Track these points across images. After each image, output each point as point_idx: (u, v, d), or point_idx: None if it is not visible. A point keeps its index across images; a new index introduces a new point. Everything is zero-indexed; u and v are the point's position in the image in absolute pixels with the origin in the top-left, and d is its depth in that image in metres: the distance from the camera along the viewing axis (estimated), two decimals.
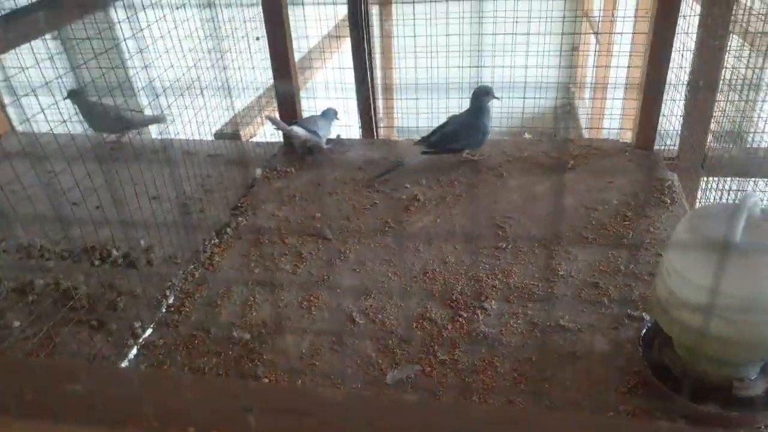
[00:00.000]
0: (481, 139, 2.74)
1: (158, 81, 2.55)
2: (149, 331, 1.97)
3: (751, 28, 2.29)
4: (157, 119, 2.97)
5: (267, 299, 2.07)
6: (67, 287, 2.11)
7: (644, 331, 1.70)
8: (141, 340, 1.93)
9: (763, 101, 2.39)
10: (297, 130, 2.82)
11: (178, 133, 3.02)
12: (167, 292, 2.11)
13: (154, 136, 3.28)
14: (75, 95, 2.79)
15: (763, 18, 2.16)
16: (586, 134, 5.06)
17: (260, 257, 2.29)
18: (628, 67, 3.57)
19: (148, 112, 2.97)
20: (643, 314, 1.85)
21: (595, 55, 6.32)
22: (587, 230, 2.27)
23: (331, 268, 2.20)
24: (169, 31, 2.62)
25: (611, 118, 3.71)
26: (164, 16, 2.61)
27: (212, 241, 2.38)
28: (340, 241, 2.35)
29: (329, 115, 2.97)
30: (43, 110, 2.11)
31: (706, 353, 1.38)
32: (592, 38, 6.57)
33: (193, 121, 2.86)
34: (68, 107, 2.75)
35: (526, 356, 1.75)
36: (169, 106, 2.61)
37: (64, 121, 2.24)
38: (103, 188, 2.34)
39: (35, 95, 2.01)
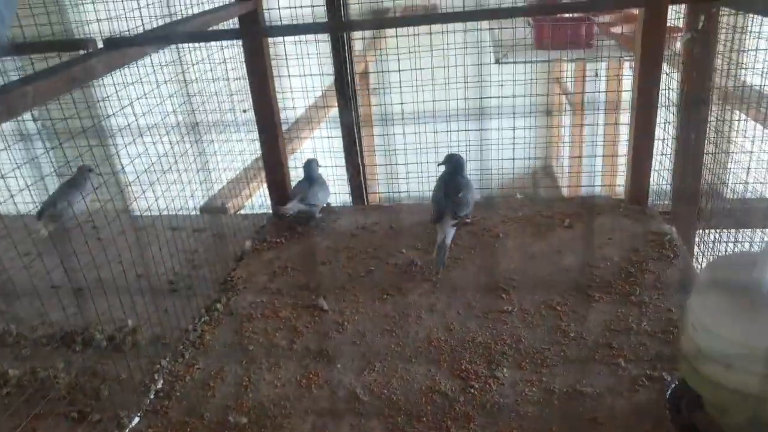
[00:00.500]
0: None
1: (140, 157, 2.48)
2: (136, 420, 1.83)
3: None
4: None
5: (263, 378, 1.95)
6: (46, 376, 1.97)
7: (669, 391, 1.61)
8: (128, 430, 1.79)
9: (744, 153, 2.39)
10: (292, 207, 2.77)
11: (163, 209, 2.94)
12: (155, 376, 1.98)
13: (136, 213, 3.19)
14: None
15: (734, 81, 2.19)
16: (564, 192, 5.07)
17: (254, 333, 2.18)
18: (604, 124, 3.61)
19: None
20: (663, 374, 1.76)
21: (570, 115, 6.46)
22: (592, 289, 2.21)
23: (329, 341, 2.10)
24: (151, 109, 2.58)
25: (590, 175, 3.72)
26: (145, 94, 2.58)
27: (202, 319, 2.27)
28: (337, 312, 2.25)
29: (314, 172, 2.91)
30: (21, 190, 2.03)
31: (743, 413, 1.29)
32: (564, 99, 6.73)
33: (179, 197, 2.80)
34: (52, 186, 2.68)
35: (546, 427, 1.64)
36: (151, 184, 2.56)
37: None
38: (86, 268, 2.24)
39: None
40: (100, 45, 1.74)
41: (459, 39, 3.13)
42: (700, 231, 2.65)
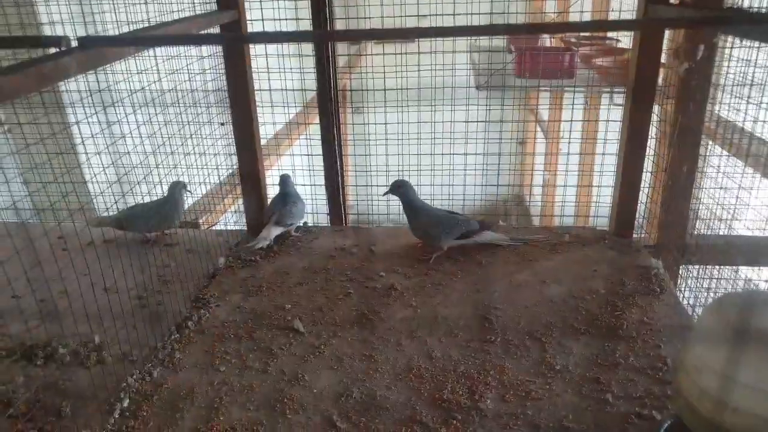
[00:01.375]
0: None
1: (113, 167, 2.37)
2: None
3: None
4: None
5: (236, 401, 1.84)
6: (4, 391, 1.84)
7: (662, 431, 1.55)
8: None
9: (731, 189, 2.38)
10: (266, 236, 2.72)
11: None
12: (121, 395, 1.86)
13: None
14: None
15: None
16: (536, 222, 5.05)
17: (226, 354, 2.07)
18: (580, 154, 3.60)
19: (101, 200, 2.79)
20: (654, 412, 1.70)
21: (544, 143, 6.50)
22: (578, 321, 2.15)
23: (305, 365, 2.00)
24: (126, 116, 2.47)
25: (565, 205, 3.71)
26: (122, 99, 2.47)
27: (172, 337, 2.16)
28: (314, 335, 2.15)
29: (290, 187, 2.86)
30: None
31: None
32: (538, 128, 6.77)
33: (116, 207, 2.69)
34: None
35: None
36: (123, 194, 2.45)
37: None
38: (53, 280, 2.11)
39: None
40: (74, 44, 1.64)
41: (447, 60, 3.10)
42: (686, 266, 2.63)
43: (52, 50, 1.59)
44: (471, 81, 3.99)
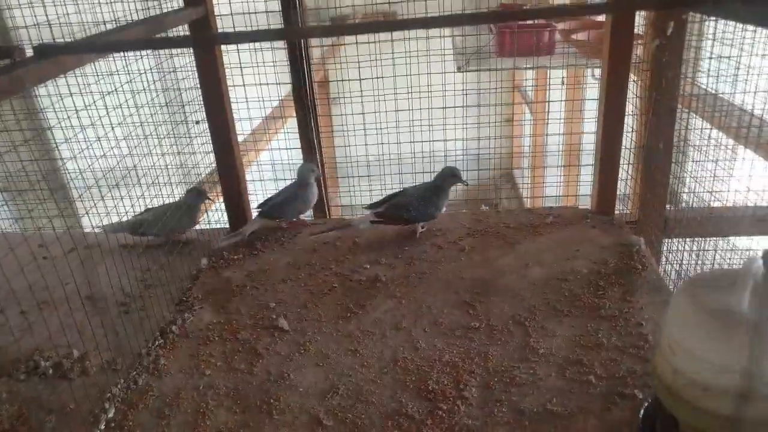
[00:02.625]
0: (431, 214, 2.67)
1: (90, 171, 2.35)
2: None
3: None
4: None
5: (222, 404, 1.84)
6: None
7: (642, 411, 1.56)
8: None
9: (710, 161, 2.37)
10: (250, 226, 2.73)
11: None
12: (106, 405, 1.86)
13: (86, 229, 3.03)
14: None
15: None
16: (527, 203, 5.06)
17: (211, 357, 2.06)
18: (563, 134, 3.60)
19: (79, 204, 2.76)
20: (636, 391, 1.71)
21: (530, 125, 6.48)
22: (561, 303, 2.15)
23: (291, 363, 2.00)
24: (100, 118, 2.44)
25: (551, 186, 3.71)
26: (94, 102, 2.44)
27: (156, 342, 2.15)
28: (299, 333, 2.15)
29: (300, 180, 2.85)
30: None
31: None
32: (525, 108, 6.75)
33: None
34: None
35: None
36: (102, 197, 2.42)
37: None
38: (28, 291, 2.09)
39: None
40: (30, 53, 1.60)
41: (421, 46, 3.07)
42: (667, 240, 2.63)
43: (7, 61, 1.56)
44: (450, 65, 3.96)
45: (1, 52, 1.40)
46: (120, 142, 2.49)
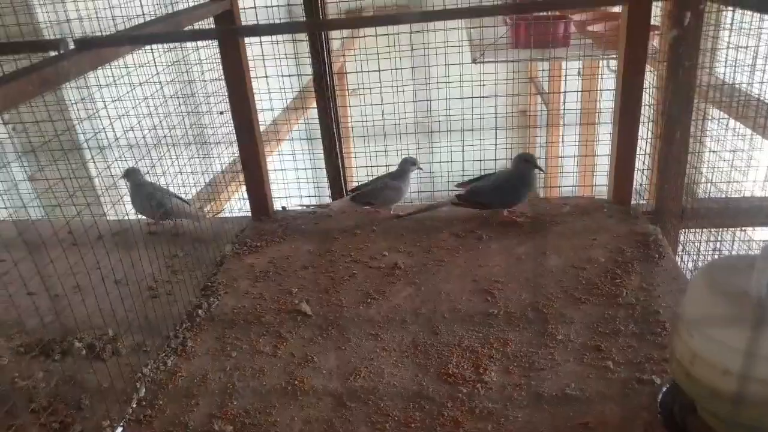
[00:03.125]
0: (509, 201, 2.72)
1: (116, 163, 2.41)
2: (120, 430, 1.78)
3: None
4: (196, 216, 2.86)
5: (248, 385, 1.91)
6: (25, 387, 1.91)
7: (660, 395, 1.60)
8: None
9: (727, 151, 2.40)
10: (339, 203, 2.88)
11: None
12: (138, 385, 1.93)
13: (109, 216, 3.11)
14: (127, 175, 2.78)
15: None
16: (541, 193, 5.09)
17: (236, 339, 2.13)
18: (580, 124, 3.61)
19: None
20: (653, 377, 1.75)
21: (546, 115, 6.48)
22: (579, 291, 2.20)
23: (314, 346, 2.06)
24: (126, 112, 2.50)
25: (566, 175, 3.73)
26: (120, 96, 2.50)
27: (184, 326, 2.22)
28: (321, 317, 2.21)
29: (400, 170, 2.95)
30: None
31: (741, 420, 1.28)
32: (539, 99, 6.75)
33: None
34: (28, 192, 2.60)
35: None
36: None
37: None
38: (64, 275, 2.17)
39: None
40: (72, 46, 1.67)
41: (439, 38, 3.11)
42: (684, 230, 2.66)
43: (52, 53, 1.63)
44: (467, 56, 3.99)
45: (49, 45, 1.46)
46: (147, 133, 2.55)
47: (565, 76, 5.12)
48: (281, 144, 3.64)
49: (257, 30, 2.39)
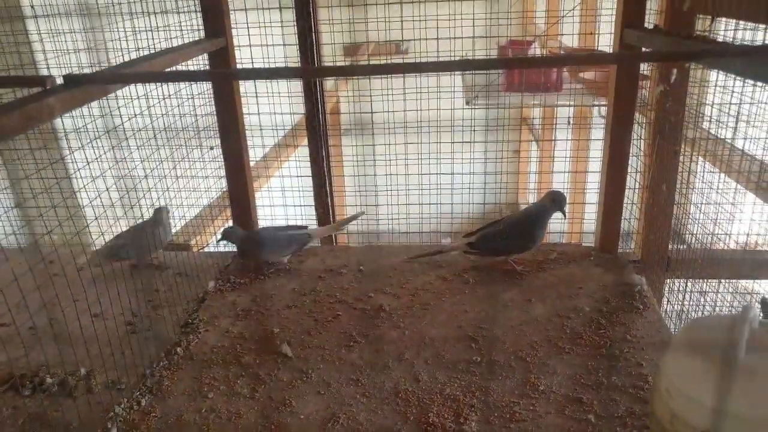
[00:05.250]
0: (524, 246, 2.62)
1: (107, 193, 2.40)
2: None
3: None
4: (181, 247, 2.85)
5: (223, 428, 1.86)
6: None
7: None
8: None
9: (711, 204, 2.41)
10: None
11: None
12: (109, 424, 1.88)
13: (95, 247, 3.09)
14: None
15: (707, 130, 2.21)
16: None
17: (214, 380, 2.09)
18: (569, 172, 3.64)
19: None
20: None
21: (536, 162, 6.53)
22: (563, 340, 2.18)
23: (292, 390, 2.02)
24: (120, 143, 2.50)
25: (556, 222, 3.74)
26: (115, 127, 2.50)
27: (161, 363, 2.18)
28: (302, 359, 2.18)
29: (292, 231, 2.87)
30: None
31: None
32: (533, 145, 6.81)
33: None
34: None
35: None
36: (117, 219, 2.46)
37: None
38: (38, 306, 2.13)
39: None
40: (60, 81, 1.67)
41: (432, 82, 3.14)
42: (669, 280, 2.66)
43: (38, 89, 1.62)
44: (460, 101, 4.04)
45: (34, 81, 1.46)
46: (137, 165, 2.55)
47: (557, 122, 5.19)
48: (270, 180, 3.64)
49: (246, 74, 2.39)
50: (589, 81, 4.34)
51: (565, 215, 2.65)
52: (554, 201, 2.59)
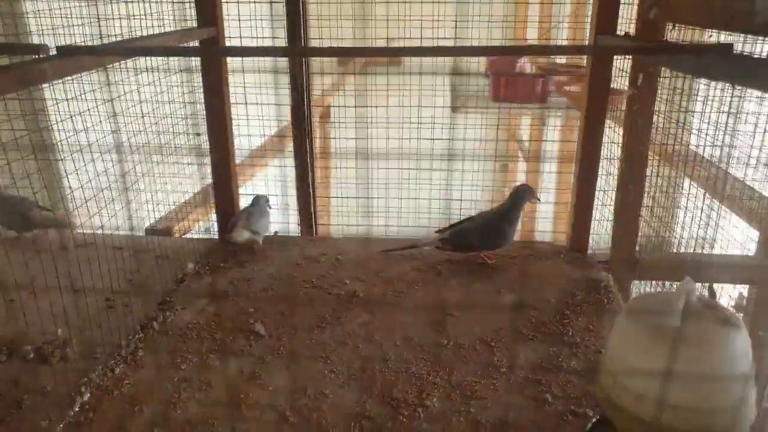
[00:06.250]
0: (495, 243, 2.69)
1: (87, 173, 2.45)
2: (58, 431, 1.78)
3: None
4: (61, 223, 2.88)
5: (193, 396, 1.92)
6: None
7: (589, 425, 1.65)
8: None
9: (678, 208, 2.50)
10: (239, 234, 2.77)
11: (102, 226, 2.90)
12: (82, 389, 1.93)
13: (79, 230, 3.14)
14: None
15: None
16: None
17: (188, 353, 2.14)
18: (555, 173, 3.74)
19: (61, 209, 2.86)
20: (587, 410, 1.80)
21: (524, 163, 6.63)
22: (527, 328, 2.25)
23: (263, 365, 2.08)
24: (101, 122, 2.55)
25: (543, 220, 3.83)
26: (97, 106, 2.56)
27: (137, 336, 2.23)
28: (274, 338, 2.24)
29: (263, 206, 2.92)
30: None
31: None
32: (519, 154, 6.91)
33: (121, 215, 2.77)
34: None
35: None
36: (106, 203, 2.52)
37: None
38: (21, 280, 2.19)
39: None
40: (53, 52, 1.74)
41: (417, 82, 3.24)
42: (636, 282, 2.74)
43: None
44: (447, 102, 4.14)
45: (29, 49, 1.53)
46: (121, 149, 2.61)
47: (545, 128, 5.31)
48: (257, 171, 3.70)
49: (236, 51, 2.48)
50: (573, 94, 4.46)
51: (539, 200, 2.78)
52: (522, 196, 2.69)
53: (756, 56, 1.65)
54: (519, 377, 1.98)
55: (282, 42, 3.05)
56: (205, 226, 3.19)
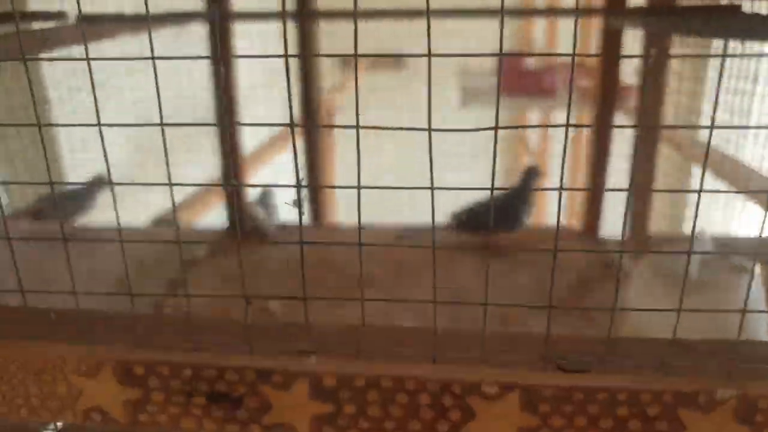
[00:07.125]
0: (512, 224, 2.66)
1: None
2: None
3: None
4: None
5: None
6: None
7: None
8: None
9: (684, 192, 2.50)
10: (256, 211, 2.78)
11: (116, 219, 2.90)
12: None
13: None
14: None
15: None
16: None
17: (199, 327, 2.13)
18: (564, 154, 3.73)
19: None
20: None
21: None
22: (542, 302, 2.24)
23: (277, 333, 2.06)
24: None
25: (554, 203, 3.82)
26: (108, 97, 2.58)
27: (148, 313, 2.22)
28: (287, 315, 2.22)
29: (271, 196, 2.96)
30: None
31: None
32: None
33: (131, 205, 2.78)
34: None
35: None
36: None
37: None
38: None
39: None
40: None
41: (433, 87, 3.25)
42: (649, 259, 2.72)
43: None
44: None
45: (47, 15, 1.56)
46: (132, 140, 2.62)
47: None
48: (262, 166, 3.72)
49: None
50: (583, 87, 4.47)
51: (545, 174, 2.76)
52: (530, 175, 2.68)
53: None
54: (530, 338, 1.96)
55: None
56: (215, 212, 3.19)
